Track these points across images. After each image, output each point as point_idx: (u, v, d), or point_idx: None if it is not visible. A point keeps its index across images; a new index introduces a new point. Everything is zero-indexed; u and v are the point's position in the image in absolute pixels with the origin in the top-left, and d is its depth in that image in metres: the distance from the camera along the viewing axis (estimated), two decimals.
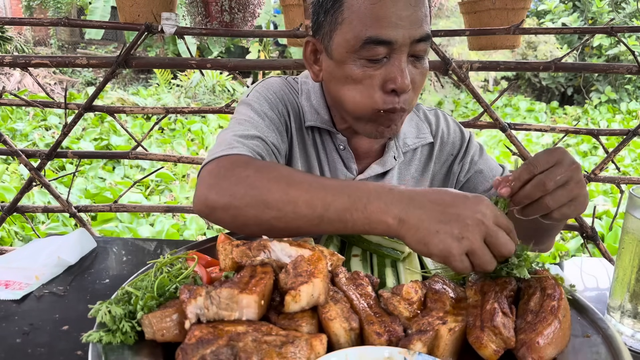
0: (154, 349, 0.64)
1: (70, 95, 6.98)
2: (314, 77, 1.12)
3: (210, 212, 0.88)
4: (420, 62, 1.02)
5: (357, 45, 0.97)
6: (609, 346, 0.67)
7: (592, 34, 2.31)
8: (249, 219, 0.84)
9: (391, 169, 1.22)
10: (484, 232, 0.71)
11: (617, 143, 2.11)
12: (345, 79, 1.02)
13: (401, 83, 0.97)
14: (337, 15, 1.00)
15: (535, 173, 0.79)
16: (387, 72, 0.98)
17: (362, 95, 1.01)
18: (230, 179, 0.87)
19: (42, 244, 1.09)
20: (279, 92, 1.18)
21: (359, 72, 1.00)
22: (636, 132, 2.06)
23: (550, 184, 0.78)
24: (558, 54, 10.99)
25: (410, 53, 0.99)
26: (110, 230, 3.85)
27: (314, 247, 0.78)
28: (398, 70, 0.97)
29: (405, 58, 0.98)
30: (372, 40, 0.95)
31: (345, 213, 0.77)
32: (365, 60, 0.99)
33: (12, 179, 4.98)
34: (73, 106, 2.17)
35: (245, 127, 1.05)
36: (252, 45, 10.89)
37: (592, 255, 2.65)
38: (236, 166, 0.89)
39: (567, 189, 0.80)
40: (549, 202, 0.79)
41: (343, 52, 1.00)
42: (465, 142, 1.30)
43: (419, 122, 1.28)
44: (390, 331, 0.64)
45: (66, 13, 11.30)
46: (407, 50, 0.98)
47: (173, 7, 2.09)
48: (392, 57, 0.98)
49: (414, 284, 0.72)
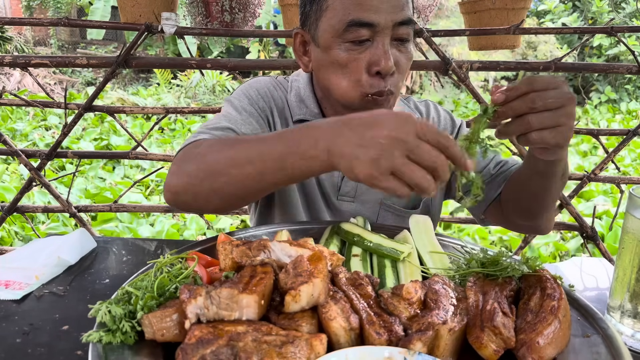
0: (154, 349, 0.64)
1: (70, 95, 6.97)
2: (304, 68, 1.17)
3: (175, 197, 0.93)
4: (405, 46, 1.06)
5: (341, 28, 1.02)
6: (609, 346, 0.67)
7: (592, 34, 2.31)
8: (207, 193, 0.88)
9: None
10: (404, 149, 0.68)
11: (617, 143, 2.11)
12: (332, 64, 1.06)
13: (385, 65, 1.01)
14: (321, 3, 1.06)
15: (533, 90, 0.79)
16: (372, 54, 1.03)
17: (349, 80, 1.06)
18: (187, 162, 0.91)
19: (42, 244, 1.09)
20: (262, 89, 1.22)
21: (344, 56, 1.04)
22: (636, 132, 2.06)
23: (539, 102, 0.78)
24: (558, 54, 10.99)
25: (393, 36, 1.03)
26: (110, 230, 3.85)
27: (314, 247, 0.78)
28: (382, 52, 1.01)
29: (389, 41, 1.03)
30: (355, 22, 1.00)
31: (282, 160, 0.78)
32: (349, 44, 1.03)
33: (12, 179, 4.98)
34: (73, 106, 2.17)
35: (217, 120, 1.08)
36: (252, 45, 10.89)
37: (592, 255, 2.64)
38: (193, 149, 0.93)
39: (555, 113, 0.80)
40: (531, 119, 0.79)
41: (329, 37, 1.05)
42: (455, 129, 1.32)
43: (410, 111, 1.30)
44: (390, 331, 0.64)
45: (66, 13, 11.30)
46: (390, 34, 1.02)
47: (174, 7, 2.09)
48: (376, 40, 1.02)
49: (414, 284, 0.72)
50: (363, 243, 0.94)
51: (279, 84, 1.28)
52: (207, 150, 0.89)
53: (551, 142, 0.82)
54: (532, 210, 1.13)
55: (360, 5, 1.01)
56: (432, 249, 0.95)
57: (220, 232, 0.95)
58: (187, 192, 0.91)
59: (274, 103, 1.23)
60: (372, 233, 0.96)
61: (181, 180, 0.91)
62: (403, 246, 0.91)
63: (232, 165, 0.84)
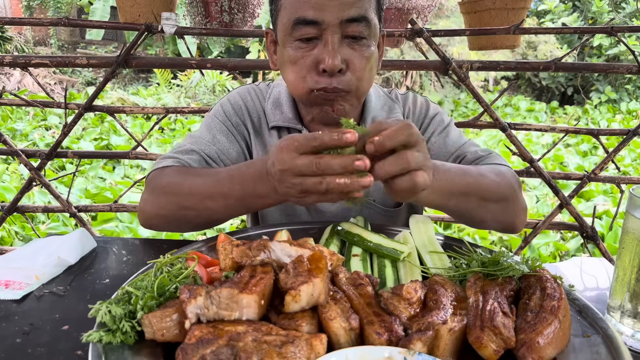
0: (154, 349, 0.64)
1: (70, 95, 6.98)
2: (272, 66, 1.20)
3: (149, 223, 1.06)
4: (359, 44, 1.04)
5: (290, 26, 1.03)
6: (609, 346, 0.67)
7: (592, 34, 2.31)
8: (177, 224, 1.03)
9: None
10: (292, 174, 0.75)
11: (617, 143, 2.11)
12: (286, 62, 1.09)
13: (329, 63, 1.00)
14: (277, 2, 1.08)
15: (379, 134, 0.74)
16: (318, 52, 1.03)
17: (296, 76, 1.07)
18: (155, 192, 1.03)
19: (42, 244, 1.09)
20: (237, 103, 1.27)
21: (293, 54, 1.06)
22: (636, 132, 2.06)
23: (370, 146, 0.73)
24: (558, 53, 10.99)
25: (344, 34, 1.02)
26: (110, 230, 3.85)
27: (314, 247, 0.78)
28: (327, 50, 1.01)
29: (337, 39, 1.02)
30: (300, 20, 1.01)
31: (243, 199, 0.92)
32: (298, 42, 1.04)
33: (12, 178, 4.97)
34: (73, 106, 2.17)
35: (187, 141, 1.18)
36: (252, 45, 10.89)
37: (592, 255, 2.64)
38: (160, 178, 1.04)
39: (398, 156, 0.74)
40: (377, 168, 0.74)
41: (282, 35, 1.07)
42: (427, 118, 1.29)
43: (391, 104, 1.30)
44: (390, 331, 0.64)
45: (66, 13, 11.29)
46: (339, 31, 1.01)
47: (173, 7, 2.09)
48: (323, 38, 1.02)
49: (414, 284, 0.72)
50: (363, 243, 0.94)
51: (257, 93, 1.30)
52: (173, 183, 1.01)
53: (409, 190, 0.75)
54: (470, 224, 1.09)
55: (306, 3, 1.00)
56: (432, 249, 0.95)
57: (220, 232, 0.95)
58: (159, 222, 1.04)
59: (248, 115, 1.26)
60: (372, 233, 0.96)
61: (152, 210, 1.04)
62: (403, 246, 0.91)
63: (199, 202, 0.96)
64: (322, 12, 1.00)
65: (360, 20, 1.02)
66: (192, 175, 1.01)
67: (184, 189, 0.99)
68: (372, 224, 1.07)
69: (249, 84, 1.36)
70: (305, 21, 1.01)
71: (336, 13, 1.00)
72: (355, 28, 1.02)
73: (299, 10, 1.01)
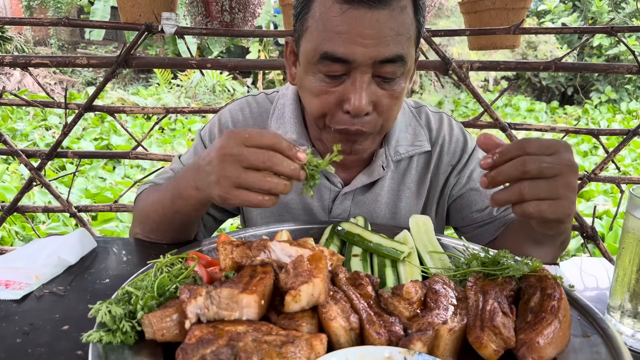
0: (154, 349, 0.64)
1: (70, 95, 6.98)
2: (290, 79, 1.09)
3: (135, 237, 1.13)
4: (390, 84, 0.93)
5: (315, 58, 0.92)
6: (609, 346, 0.67)
7: (592, 34, 2.31)
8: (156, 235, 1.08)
9: (380, 179, 1.15)
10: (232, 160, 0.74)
11: (617, 143, 2.11)
12: (307, 90, 0.98)
13: (355, 106, 0.91)
14: (304, 21, 0.95)
15: (526, 153, 0.70)
16: (344, 91, 0.92)
17: (317, 110, 0.98)
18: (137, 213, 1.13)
19: (42, 244, 1.09)
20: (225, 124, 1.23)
21: (317, 87, 0.95)
22: (636, 132, 2.06)
23: (532, 167, 0.69)
24: (558, 53, 10.99)
25: (375, 74, 0.91)
26: (110, 230, 3.85)
27: (314, 247, 0.78)
28: (354, 91, 0.90)
29: (367, 79, 0.91)
30: (328, 56, 0.90)
31: (174, 204, 0.95)
32: (323, 75, 0.93)
33: (13, 178, 4.97)
34: (73, 106, 2.17)
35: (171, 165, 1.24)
36: (252, 45, 10.89)
37: (592, 255, 2.64)
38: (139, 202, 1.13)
39: (551, 183, 0.70)
40: (524, 188, 0.69)
41: (305, 62, 0.96)
42: (466, 154, 1.19)
43: (417, 127, 1.19)
44: (390, 331, 0.64)
45: (66, 13, 11.29)
46: (370, 71, 0.90)
47: (174, 7, 2.09)
48: (352, 76, 0.91)
49: (414, 284, 0.72)
50: (363, 243, 0.94)
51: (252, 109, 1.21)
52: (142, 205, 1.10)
53: (550, 216, 0.71)
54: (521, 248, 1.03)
55: (337, 36, 0.87)
56: (432, 249, 0.95)
57: (221, 232, 0.95)
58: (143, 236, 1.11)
59: None
60: (372, 233, 0.96)
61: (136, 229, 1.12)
62: (403, 246, 0.91)
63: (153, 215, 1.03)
64: (354, 49, 0.87)
65: (396, 61, 0.90)
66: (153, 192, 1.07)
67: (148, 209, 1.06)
68: (373, 225, 1.07)
69: (248, 94, 1.26)
70: (334, 58, 0.89)
71: (370, 52, 0.87)
72: (389, 69, 0.90)
73: (328, 43, 0.89)
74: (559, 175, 0.71)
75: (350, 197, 1.17)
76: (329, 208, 1.18)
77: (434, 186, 1.21)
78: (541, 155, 0.70)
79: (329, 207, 1.18)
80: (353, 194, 1.17)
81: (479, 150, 1.21)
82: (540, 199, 0.70)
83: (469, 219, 1.20)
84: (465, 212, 1.20)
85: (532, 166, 0.69)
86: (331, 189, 1.16)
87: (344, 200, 1.17)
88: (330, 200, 1.17)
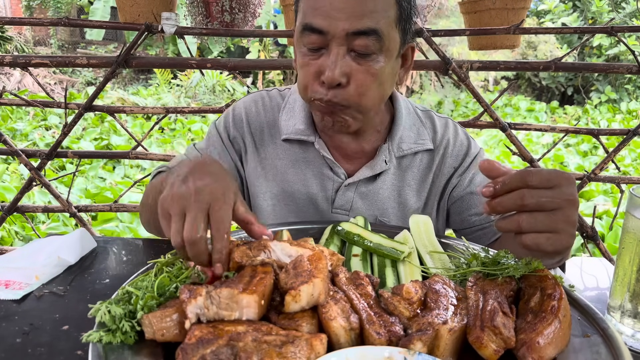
0: (154, 349, 0.64)
1: (70, 95, 6.98)
2: (294, 64, 1.15)
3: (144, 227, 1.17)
4: (365, 60, 0.98)
5: (300, 31, 1.01)
6: (609, 346, 0.67)
7: (592, 34, 2.31)
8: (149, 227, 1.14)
9: (382, 173, 1.18)
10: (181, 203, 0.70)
11: (617, 143, 2.11)
12: (297, 65, 1.07)
13: (327, 75, 0.96)
14: (298, 4, 1.04)
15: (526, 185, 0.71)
16: (322, 62, 0.99)
17: (301, 82, 1.05)
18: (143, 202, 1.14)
19: (42, 244, 1.09)
20: (238, 116, 1.24)
21: (301, 60, 1.03)
22: (636, 132, 2.06)
23: (531, 201, 0.70)
24: (558, 53, 10.99)
25: (350, 47, 0.97)
26: (110, 230, 3.85)
27: (314, 247, 0.78)
28: (329, 62, 0.97)
29: (342, 51, 0.97)
30: (307, 27, 0.98)
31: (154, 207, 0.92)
32: (306, 49, 1.01)
33: (12, 178, 4.98)
34: (73, 106, 2.17)
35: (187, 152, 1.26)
36: (252, 45, 10.89)
37: (592, 255, 2.64)
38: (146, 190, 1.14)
39: (550, 217, 0.71)
40: (522, 221, 0.71)
41: (295, 39, 1.05)
42: (469, 157, 1.22)
43: (421, 128, 1.23)
44: (390, 331, 0.64)
45: (66, 13, 11.30)
46: (344, 44, 0.96)
47: (173, 7, 2.09)
48: (328, 49, 0.98)
49: (414, 284, 0.72)
50: (363, 243, 0.94)
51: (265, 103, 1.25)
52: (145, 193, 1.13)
53: (547, 249, 0.72)
54: None
55: (315, 10, 0.96)
56: (432, 249, 0.95)
57: None
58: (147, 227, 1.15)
59: (248, 129, 1.23)
60: (372, 233, 0.96)
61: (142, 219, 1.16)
62: (403, 246, 0.91)
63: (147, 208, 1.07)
64: (328, 20, 0.94)
65: (369, 34, 0.95)
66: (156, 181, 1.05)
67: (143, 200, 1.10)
68: (373, 225, 1.07)
69: (262, 89, 1.31)
70: (312, 28, 0.97)
71: (342, 24, 0.94)
72: (362, 42, 0.95)
73: (309, 16, 0.97)
74: (558, 210, 0.71)
75: (353, 189, 1.19)
76: (332, 198, 1.21)
77: (436, 186, 1.23)
78: (541, 189, 0.71)
79: (332, 198, 1.21)
80: (356, 186, 1.19)
81: (483, 155, 1.24)
82: (538, 232, 0.71)
83: (468, 221, 1.22)
84: (465, 214, 1.22)
85: (530, 200, 0.70)
86: (334, 180, 1.19)
87: (346, 191, 1.19)
88: (334, 191, 1.20)
